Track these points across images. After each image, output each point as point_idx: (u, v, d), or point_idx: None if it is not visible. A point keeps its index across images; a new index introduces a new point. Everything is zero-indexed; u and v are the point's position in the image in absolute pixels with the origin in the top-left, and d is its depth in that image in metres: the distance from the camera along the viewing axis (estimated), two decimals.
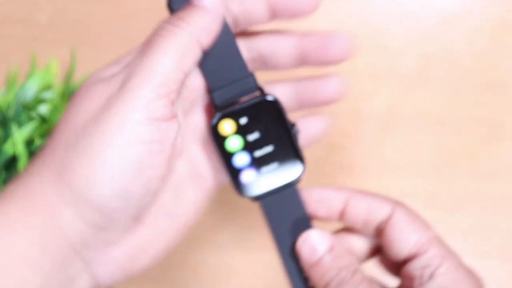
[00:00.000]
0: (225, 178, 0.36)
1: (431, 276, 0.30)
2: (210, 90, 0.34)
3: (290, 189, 0.35)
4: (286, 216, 0.35)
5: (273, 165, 0.35)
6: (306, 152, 0.36)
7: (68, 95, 0.48)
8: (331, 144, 0.54)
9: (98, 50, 0.53)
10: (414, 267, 0.31)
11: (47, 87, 0.50)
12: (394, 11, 0.53)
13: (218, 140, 0.34)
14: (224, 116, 0.34)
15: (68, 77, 0.51)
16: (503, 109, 0.54)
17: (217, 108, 0.34)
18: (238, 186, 0.35)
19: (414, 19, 0.53)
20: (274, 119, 0.34)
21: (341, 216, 0.34)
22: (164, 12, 0.53)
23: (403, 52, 0.53)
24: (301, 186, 0.35)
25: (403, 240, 0.31)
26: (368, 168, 0.54)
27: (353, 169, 0.54)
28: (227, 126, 0.34)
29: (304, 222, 0.35)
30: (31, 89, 0.48)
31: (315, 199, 0.35)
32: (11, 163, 0.44)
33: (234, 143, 0.34)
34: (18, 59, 0.53)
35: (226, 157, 0.34)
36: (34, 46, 0.53)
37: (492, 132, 0.54)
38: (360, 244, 0.35)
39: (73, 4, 0.53)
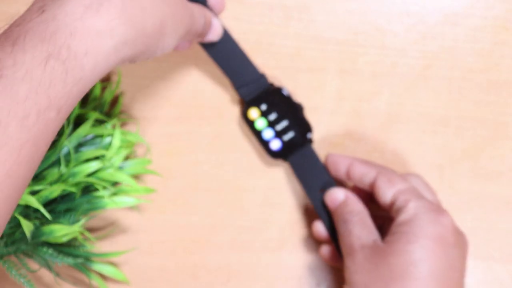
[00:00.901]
0: None
1: (398, 215, 0.44)
2: (236, 88, 0.50)
3: (306, 147, 0.50)
4: (308, 167, 0.50)
5: (291, 133, 0.50)
6: None
7: None
8: (332, 143, 0.53)
9: None
10: (392, 211, 0.45)
11: None
12: (395, 10, 0.53)
13: (249, 123, 0.50)
14: (249, 106, 0.50)
15: None
16: (506, 109, 0.53)
17: (244, 101, 0.50)
18: (270, 152, 0.51)
19: (416, 17, 0.53)
20: (284, 102, 0.50)
21: (347, 176, 0.49)
22: None
23: (404, 51, 0.53)
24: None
25: (383, 194, 0.46)
26: None
27: None
28: (253, 113, 0.50)
29: (321, 170, 0.50)
30: None
31: (328, 162, 0.50)
32: None
33: (260, 123, 0.50)
34: None
35: (257, 134, 0.50)
36: None
37: (495, 132, 0.53)
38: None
39: None
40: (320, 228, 0.50)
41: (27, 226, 0.42)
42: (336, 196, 0.48)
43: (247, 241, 0.54)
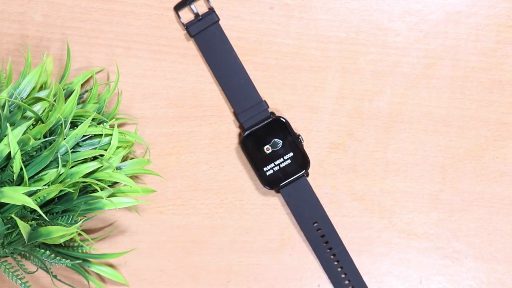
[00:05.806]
0: None
1: None
2: (236, 113, 0.52)
3: (302, 180, 0.51)
4: (302, 200, 0.52)
5: (288, 165, 0.51)
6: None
7: (64, 94, 0.47)
8: (332, 143, 0.53)
9: (93, 47, 0.52)
10: None
11: (43, 85, 0.49)
12: (397, 8, 0.53)
13: (247, 151, 0.51)
14: (249, 134, 0.51)
15: (63, 75, 0.50)
16: (509, 109, 0.53)
17: (242, 126, 0.52)
18: (265, 182, 0.51)
19: (418, 16, 0.53)
20: (284, 133, 0.51)
21: None
22: (159, 9, 0.53)
23: (406, 50, 0.53)
24: None
25: None
26: (370, 168, 0.53)
27: (355, 169, 0.53)
28: (252, 141, 0.51)
29: (315, 203, 0.52)
30: (26, 87, 0.47)
31: None
32: (6, 164, 0.44)
33: (259, 153, 0.51)
34: (13, 56, 0.52)
35: (254, 162, 0.51)
36: (29, 43, 0.52)
37: (498, 132, 0.53)
38: None
39: (69, 1, 0.52)
40: None
41: (24, 227, 0.42)
42: None
43: (247, 242, 0.53)
